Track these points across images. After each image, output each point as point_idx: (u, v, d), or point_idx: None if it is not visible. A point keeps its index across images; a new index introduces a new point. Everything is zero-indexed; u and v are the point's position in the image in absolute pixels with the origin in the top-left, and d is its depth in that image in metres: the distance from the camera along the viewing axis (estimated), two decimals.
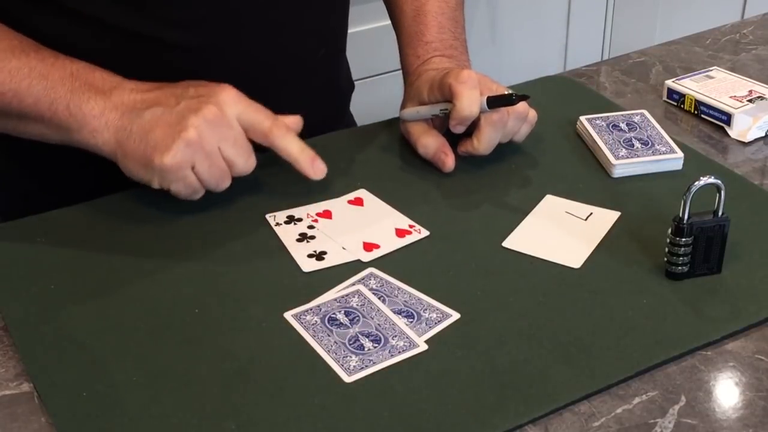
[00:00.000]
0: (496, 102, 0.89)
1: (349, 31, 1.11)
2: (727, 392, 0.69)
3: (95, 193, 0.91)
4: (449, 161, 0.92)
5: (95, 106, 0.83)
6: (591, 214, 0.87)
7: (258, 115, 0.84)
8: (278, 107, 0.97)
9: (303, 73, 1.01)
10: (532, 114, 0.94)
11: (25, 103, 0.83)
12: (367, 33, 1.91)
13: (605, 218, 0.86)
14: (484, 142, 0.91)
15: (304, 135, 0.89)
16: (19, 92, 0.83)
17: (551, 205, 0.88)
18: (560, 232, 0.85)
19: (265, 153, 0.97)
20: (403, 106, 0.98)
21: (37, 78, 0.83)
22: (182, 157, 0.80)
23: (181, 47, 0.91)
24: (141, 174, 0.83)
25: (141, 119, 0.82)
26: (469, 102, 0.89)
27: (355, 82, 1.19)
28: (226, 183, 0.84)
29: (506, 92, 0.90)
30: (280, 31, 0.97)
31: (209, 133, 0.81)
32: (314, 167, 0.86)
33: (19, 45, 0.85)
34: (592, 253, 0.82)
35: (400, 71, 1.04)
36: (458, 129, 0.91)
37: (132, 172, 0.83)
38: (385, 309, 0.76)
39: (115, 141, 0.83)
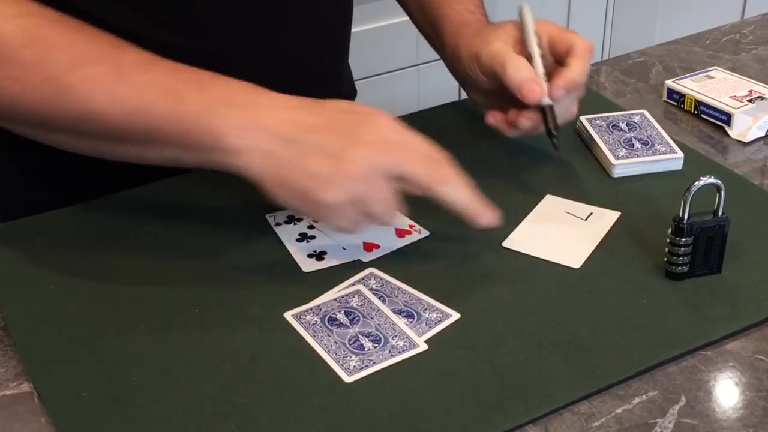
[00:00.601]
0: (545, 115, 0.88)
1: (350, 26, 1.11)
2: (727, 392, 0.69)
3: (95, 193, 0.91)
4: (539, 90, 0.86)
5: (233, 123, 0.74)
6: (591, 214, 0.87)
7: (421, 142, 0.77)
8: None
9: (309, 79, 1.01)
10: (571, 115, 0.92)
11: (156, 122, 0.75)
12: (367, 33, 1.91)
13: (605, 218, 0.86)
14: (518, 130, 0.89)
15: None
16: (149, 110, 0.75)
17: (551, 204, 0.88)
18: (560, 232, 0.85)
19: None
20: (454, 47, 0.94)
21: (167, 93, 0.75)
22: (346, 193, 0.74)
23: (189, 53, 0.91)
24: (297, 206, 0.76)
25: (296, 146, 0.74)
26: (584, 71, 0.87)
27: (355, 82, 1.19)
28: (395, 216, 0.78)
29: (557, 127, 0.88)
30: (288, 38, 0.98)
31: (375, 165, 0.74)
32: (484, 217, 0.78)
33: (144, 59, 0.77)
34: (592, 253, 0.82)
35: (399, 72, 1.04)
36: (560, 92, 0.86)
37: (284, 201, 0.76)
38: (385, 309, 0.76)
39: (265, 167, 0.74)
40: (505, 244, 0.83)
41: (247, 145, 0.74)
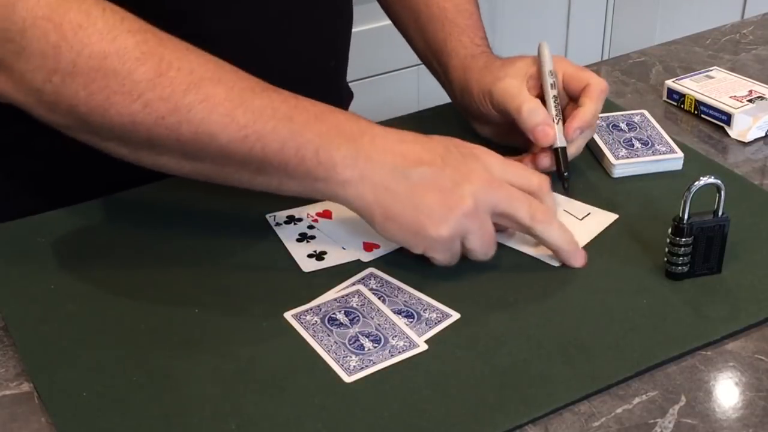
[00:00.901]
0: (557, 156, 0.88)
1: (351, 30, 1.11)
2: (727, 392, 0.69)
3: (96, 193, 0.91)
4: (553, 134, 0.87)
5: (347, 155, 0.75)
6: (588, 214, 0.87)
7: (525, 174, 0.80)
8: None
9: (314, 85, 1.02)
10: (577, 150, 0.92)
11: (269, 148, 0.74)
12: (367, 33, 1.91)
13: (601, 219, 0.86)
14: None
15: None
16: (263, 135, 0.74)
17: None
18: None
19: None
20: (463, 82, 0.95)
21: (282, 120, 0.75)
22: (458, 229, 0.76)
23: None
24: (405, 239, 0.77)
25: (408, 181, 0.75)
26: (597, 111, 0.89)
27: (355, 82, 1.19)
28: (493, 251, 0.79)
29: (568, 170, 0.89)
30: (296, 46, 0.98)
31: (484, 201, 0.76)
32: (577, 259, 0.80)
33: (259, 84, 0.77)
34: (593, 253, 0.82)
35: (399, 72, 1.04)
36: (576, 133, 0.88)
37: (391, 234, 0.77)
38: (385, 309, 0.76)
39: (375, 199, 0.76)
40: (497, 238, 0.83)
41: (360, 177, 0.75)
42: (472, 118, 0.98)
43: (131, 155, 0.78)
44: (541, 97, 0.91)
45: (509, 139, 0.94)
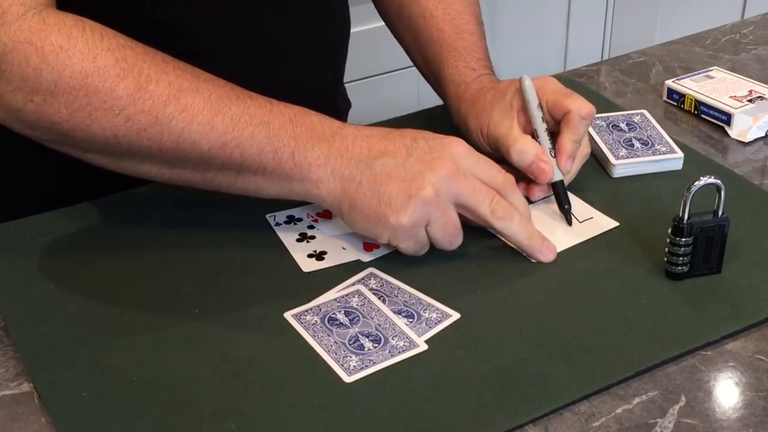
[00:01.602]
0: (557, 191, 0.87)
1: (348, 40, 1.11)
2: (727, 392, 0.69)
3: (96, 194, 0.91)
4: (548, 169, 0.86)
5: (320, 155, 0.78)
6: (590, 218, 0.86)
7: (491, 170, 0.80)
8: None
9: (311, 99, 1.02)
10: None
11: (248, 153, 0.78)
12: (368, 33, 1.91)
13: (600, 224, 0.85)
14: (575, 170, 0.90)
15: None
16: (242, 141, 0.77)
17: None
18: (547, 226, 0.85)
19: None
20: (460, 114, 0.95)
21: (259, 125, 0.78)
22: (419, 216, 0.77)
23: (180, 31, 0.91)
24: (369, 228, 0.79)
25: (371, 171, 0.78)
26: (581, 136, 0.88)
27: (355, 83, 1.19)
28: (459, 240, 0.80)
29: (568, 203, 0.87)
30: (294, 61, 0.98)
31: (445, 190, 0.77)
32: (542, 254, 0.81)
33: (234, 91, 0.80)
34: (593, 253, 0.82)
35: (399, 72, 1.04)
36: (568, 164, 0.87)
37: (357, 225, 0.79)
38: (385, 309, 0.76)
39: (342, 191, 0.78)
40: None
41: (331, 173, 0.78)
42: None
43: (112, 164, 0.81)
44: (534, 134, 0.88)
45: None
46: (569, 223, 0.86)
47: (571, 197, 0.88)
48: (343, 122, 0.81)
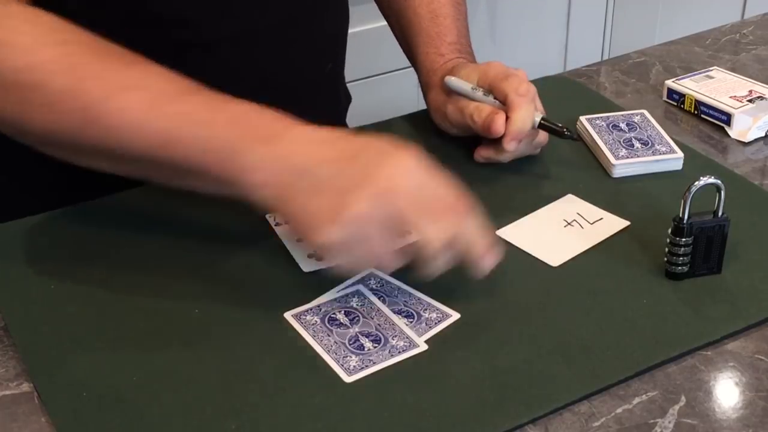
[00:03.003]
0: (546, 128, 0.91)
1: (348, 32, 1.11)
2: (727, 392, 0.69)
3: (96, 194, 0.91)
4: (500, 120, 0.88)
5: (259, 158, 0.73)
6: (600, 219, 0.86)
7: (443, 190, 0.73)
8: None
9: (311, 88, 1.02)
10: (544, 138, 0.94)
11: (188, 152, 0.74)
12: (368, 33, 1.91)
13: (610, 225, 0.85)
14: (510, 153, 0.91)
15: None
16: (182, 140, 0.74)
17: (567, 204, 0.88)
18: (557, 230, 0.85)
19: None
20: (428, 103, 0.99)
21: (198, 125, 0.74)
22: (347, 234, 0.70)
23: (194, 64, 0.91)
24: (302, 239, 0.76)
25: (308, 179, 0.72)
26: (525, 116, 0.89)
27: (355, 83, 1.19)
28: (394, 262, 0.74)
29: (559, 124, 0.91)
30: (292, 51, 0.98)
31: (380, 208, 0.70)
32: (485, 261, 0.75)
33: (182, 87, 0.76)
34: (593, 253, 0.82)
35: (398, 72, 1.05)
36: (511, 145, 0.89)
37: (294, 233, 0.78)
38: (385, 309, 0.76)
39: (278, 198, 0.73)
40: (499, 232, 0.84)
41: (270, 178, 0.73)
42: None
43: (69, 158, 0.80)
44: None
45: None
46: (573, 138, 0.91)
47: (578, 200, 0.88)
48: (296, 122, 0.75)
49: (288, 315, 0.75)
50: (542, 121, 0.91)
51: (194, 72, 0.85)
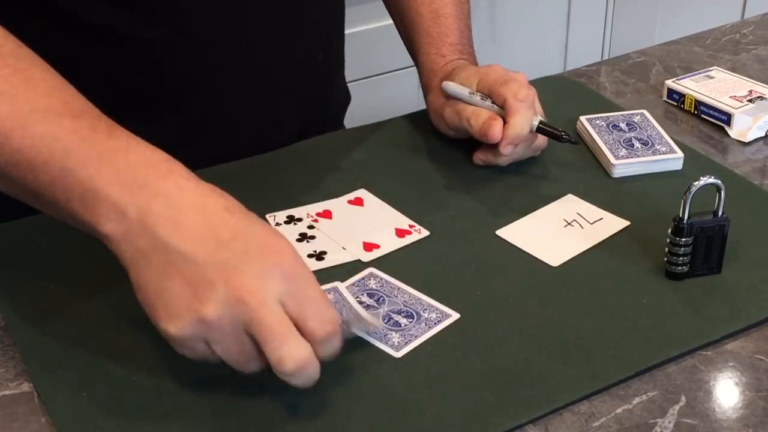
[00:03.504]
0: (545, 132, 0.91)
1: (348, 31, 1.11)
2: (727, 392, 0.69)
3: None
4: (497, 127, 0.88)
5: (116, 208, 0.65)
6: (600, 219, 0.86)
7: (313, 302, 0.64)
8: (275, 116, 0.97)
9: (301, 78, 1.02)
10: (543, 142, 0.95)
11: (39, 180, 0.67)
12: (368, 33, 1.91)
13: (610, 225, 0.85)
14: (508, 156, 0.92)
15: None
16: (35, 166, 0.67)
17: (567, 204, 0.88)
18: (557, 230, 0.85)
19: (264, 153, 0.97)
20: (427, 104, 0.99)
21: (58, 153, 0.66)
22: (191, 333, 0.63)
23: (183, 53, 0.91)
24: (148, 314, 0.66)
25: (165, 255, 0.63)
26: (522, 122, 0.89)
27: (354, 83, 1.19)
28: (253, 366, 0.65)
29: (558, 128, 0.91)
30: (281, 36, 0.98)
31: (232, 314, 0.62)
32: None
33: (62, 106, 0.69)
34: (593, 253, 0.82)
35: (398, 72, 1.04)
36: (507, 149, 0.89)
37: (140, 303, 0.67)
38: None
39: (131, 263, 0.65)
40: (499, 232, 0.84)
41: (122, 235, 0.65)
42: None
43: None
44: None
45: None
46: (574, 141, 0.92)
47: (579, 200, 0.88)
48: (180, 170, 0.67)
49: None
50: (540, 125, 0.90)
51: (182, 62, 0.85)
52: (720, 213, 0.77)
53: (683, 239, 0.77)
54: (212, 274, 0.62)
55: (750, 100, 1.03)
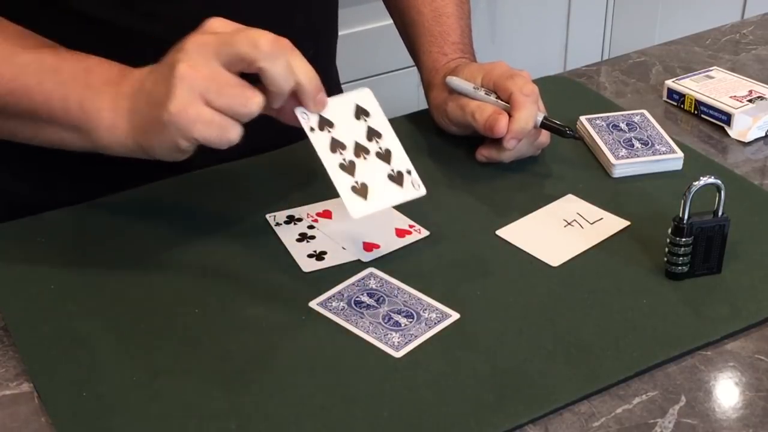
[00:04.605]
0: (548, 127, 0.91)
1: (343, 32, 1.11)
2: (727, 392, 0.69)
3: (96, 194, 0.91)
4: (503, 121, 0.89)
5: (109, 98, 0.76)
6: (600, 219, 0.86)
7: (256, 33, 0.73)
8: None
9: None
10: (546, 139, 0.95)
11: (35, 100, 0.77)
12: (368, 33, 1.91)
13: (610, 225, 0.85)
14: (511, 152, 0.92)
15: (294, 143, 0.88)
16: (29, 89, 0.77)
17: (567, 204, 0.88)
18: (557, 230, 0.85)
19: (264, 153, 0.97)
20: (430, 101, 0.99)
21: (47, 73, 0.77)
22: (187, 94, 0.71)
23: (171, 43, 0.91)
24: (162, 142, 0.74)
25: (143, 92, 0.75)
26: (528, 116, 0.89)
27: (354, 83, 1.19)
28: (254, 99, 0.72)
29: (561, 124, 0.91)
30: (272, 29, 0.97)
31: (201, 55, 0.71)
32: (316, 102, 0.77)
33: (33, 42, 0.80)
34: (593, 253, 0.82)
35: (397, 72, 1.04)
36: (511, 143, 0.90)
37: (155, 150, 0.75)
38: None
39: (131, 126, 0.75)
40: (498, 232, 0.84)
41: (118, 115, 0.75)
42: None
43: None
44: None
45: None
46: (576, 137, 0.91)
47: (579, 200, 0.88)
48: (143, 69, 0.77)
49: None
50: (545, 121, 0.91)
51: (168, 48, 0.85)
52: (720, 213, 0.77)
53: (683, 239, 0.77)
54: (170, 57, 0.73)
55: (750, 100, 1.03)
